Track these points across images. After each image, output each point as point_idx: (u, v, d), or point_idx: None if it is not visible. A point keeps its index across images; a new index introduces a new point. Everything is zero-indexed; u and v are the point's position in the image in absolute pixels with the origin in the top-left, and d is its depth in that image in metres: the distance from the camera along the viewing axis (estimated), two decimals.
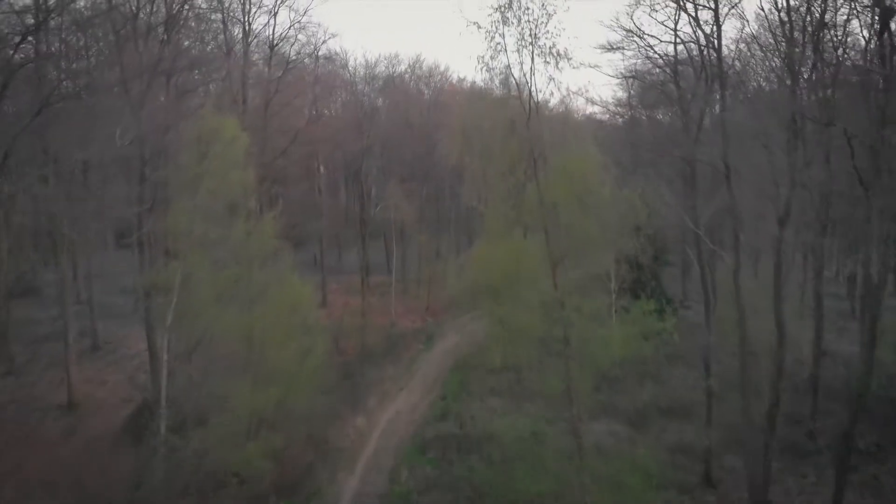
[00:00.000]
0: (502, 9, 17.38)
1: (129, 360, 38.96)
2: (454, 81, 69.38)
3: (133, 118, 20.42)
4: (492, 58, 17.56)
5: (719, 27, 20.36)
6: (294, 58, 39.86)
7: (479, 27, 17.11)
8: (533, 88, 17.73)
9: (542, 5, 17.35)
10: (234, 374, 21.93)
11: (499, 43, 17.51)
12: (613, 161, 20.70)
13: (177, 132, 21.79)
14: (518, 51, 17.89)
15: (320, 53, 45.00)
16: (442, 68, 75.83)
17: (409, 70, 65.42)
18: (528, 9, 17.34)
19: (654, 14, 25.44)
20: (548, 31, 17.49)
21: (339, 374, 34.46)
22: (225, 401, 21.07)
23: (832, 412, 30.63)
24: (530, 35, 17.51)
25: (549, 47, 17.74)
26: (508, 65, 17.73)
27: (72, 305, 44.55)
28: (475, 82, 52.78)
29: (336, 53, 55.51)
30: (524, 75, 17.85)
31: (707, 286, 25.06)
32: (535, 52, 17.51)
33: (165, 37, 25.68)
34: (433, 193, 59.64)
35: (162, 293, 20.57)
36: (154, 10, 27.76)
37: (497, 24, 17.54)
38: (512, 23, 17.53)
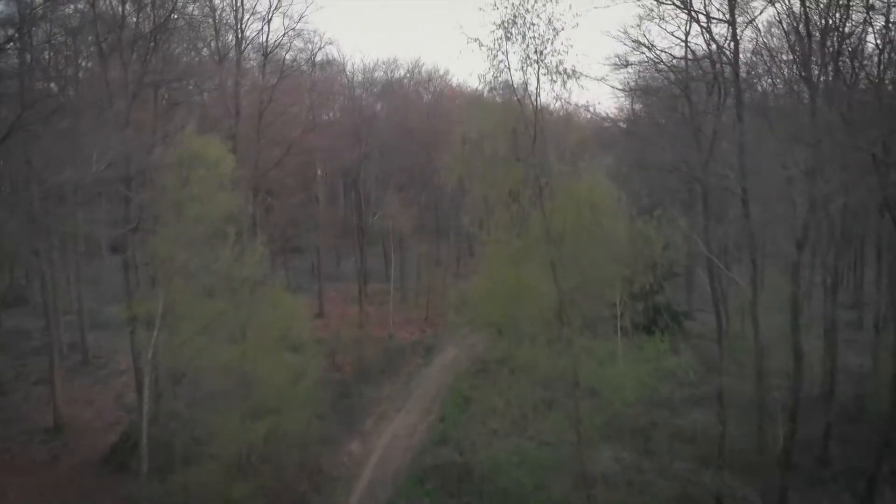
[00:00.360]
0: (505, 25, 16.16)
1: (118, 376, 37.84)
2: (454, 86, 68.24)
3: (113, 137, 19.19)
4: (494, 77, 16.36)
5: (736, 42, 19.14)
6: (289, 66, 38.64)
7: (480, 45, 15.94)
8: (538, 109, 16.51)
9: (549, 21, 16.15)
10: (222, 406, 20.77)
11: (501, 61, 16.33)
12: (623, 181, 19.58)
13: (165, 147, 20.55)
14: (522, 69, 16.71)
15: (317, 59, 43.84)
16: (441, 72, 74.58)
17: (408, 74, 64.28)
18: (533, 25, 16.14)
19: (662, 24, 24.27)
20: (555, 49, 16.31)
21: (335, 394, 33.38)
22: (213, 436, 19.91)
23: (846, 436, 29.52)
24: (536, 52, 16.33)
25: (556, 65, 16.56)
26: (512, 85, 16.53)
27: (63, 315, 43.66)
28: (476, 88, 51.56)
29: (333, 59, 54.36)
30: (529, 96, 16.65)
31: (720, 318, 23.81)
32: (541, 70, 16.32)
33: (153, 45, 24.42)
34: (433, 200, 58.46)
35: (145, 324, 19.42)
36: (141, 19, 26.54)
37: (500, 41, 16.35)
38: (516, 40, 16.34)
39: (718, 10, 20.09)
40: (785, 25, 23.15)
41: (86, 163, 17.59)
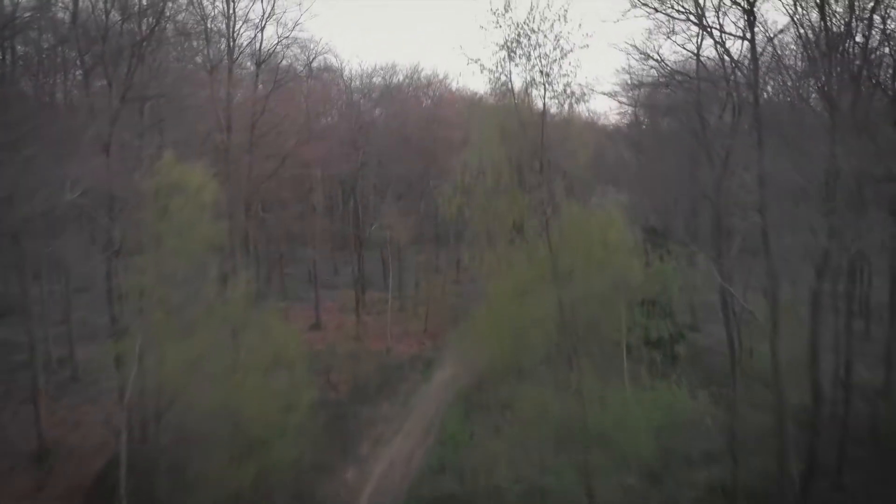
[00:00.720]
0: (509, 45, 14.95)
1: (108, 394, 36.69)
2: (454, 90, 66.98)
3: (91, 160, 18.00)
4: (498, 101, 15.18)
5: (756, 61, 17.90)
6: (283, 75, 37.42)
7: (482, 68, 14.78)
8: (544, 135, 15.35)
9: (556, 40, 14.96)
10: (209, 442, 19.66)
11: (505, 83, 15.14)
12: (634, 210, 18.46)
13: (145, 173, 19.28)
14: (527, 91, 15.56)
15: (314, 66, 42.66)
16: (441, 76, 73.10)
17: (406, 79, 63.04)
18: (539, 45, 14.93)
19: (673, 37, 23.04)
20: (562, 71, 15.14)
21: (330, 415, 32.29)
22: (199, 478, 18.80)
23: (860, 460, 28.40)
24: (542, 74, 15.15)
25: (564, 87, 15.40)
26: (515, 107, 15.33)
27: (55, 326, 42.42)
28: (476, 94, 50.45)
29: (331, 65, 53.24)
30: (534, 119, 15.48)
31: (733, 346, 22.57)
32: (548, 93, 15.14)
33: (135, 59, 23.14)
34: (433, 208, 57.37)
35: (123, 363, 18.29)
36: (127, 29, 25.28)
37: (503, 62, 15.16)
38: (520, 61, 15.16)
39: (735, 24, 18.92)
40: (802, 39, 21.93)
41: (59, 189, 16.43)
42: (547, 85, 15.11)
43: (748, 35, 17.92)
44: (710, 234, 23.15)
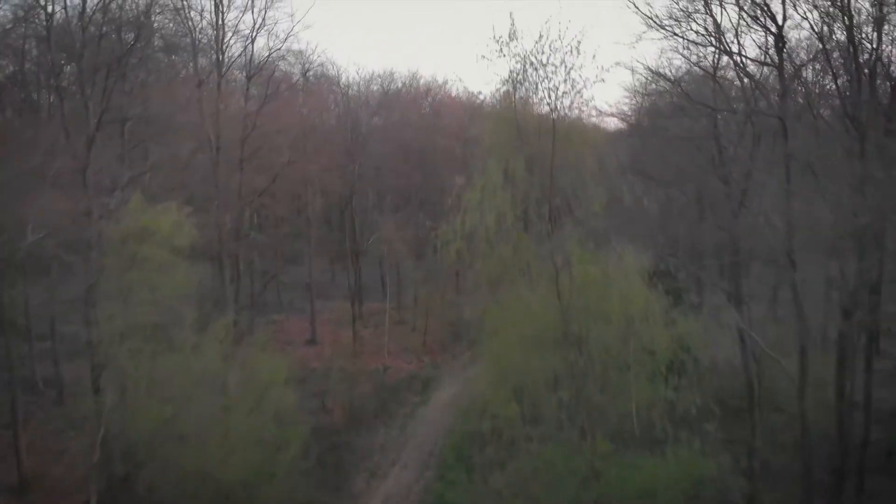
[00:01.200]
0: (514, 79, 13.45)
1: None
2: (453, 95, 65.43)
3: (45, 201, 16.52)
4: (500, 139, 13.73)
5: (785, 89, 16.42)
6: (276, 87, 35.92)
7: (483, 101, 13.36)
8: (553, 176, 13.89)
9: (567, 72, 13.46)
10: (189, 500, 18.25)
11: (510, 120, 13.67)
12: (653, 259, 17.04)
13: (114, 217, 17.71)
14: (535, 127, 14.09)
15: (309, 75, 41.20)
16: (441, 81, 71.40)
17: (405, 86, 61.53)
18: (547, 78, 13.43)
19: (688, 54, 21.58)
20: (573, 104, 13.69)
21: (324, 444, 30.80)
22: None
23: (877, 492, 27.02)
24: (551, 110, 13.71)
25: (574, 121, 13.96)
26: (522, 146, 13.87)
27: (42, 340, 40.87)
28: (477, 99, 48.90)
29: (327, 73, 51.81)
30: (543, 159, 14.03)
31: (754, 403, 21.02)
32: (557, 131, 13.66)
33: (107, 76, 21.60)
34: (433, 218, 55.97)
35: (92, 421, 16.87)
36: (105, 44, 23.77)
37: (508, 95, 13.70)
38: (526, 94, 13.71)
39: (760, 48, 17.46)
40: (828, 57, 20.42)
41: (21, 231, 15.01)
42: (556, 122, 13.72)
43: (775, 60, 16.55)
44: (725, 271, 21.82)
